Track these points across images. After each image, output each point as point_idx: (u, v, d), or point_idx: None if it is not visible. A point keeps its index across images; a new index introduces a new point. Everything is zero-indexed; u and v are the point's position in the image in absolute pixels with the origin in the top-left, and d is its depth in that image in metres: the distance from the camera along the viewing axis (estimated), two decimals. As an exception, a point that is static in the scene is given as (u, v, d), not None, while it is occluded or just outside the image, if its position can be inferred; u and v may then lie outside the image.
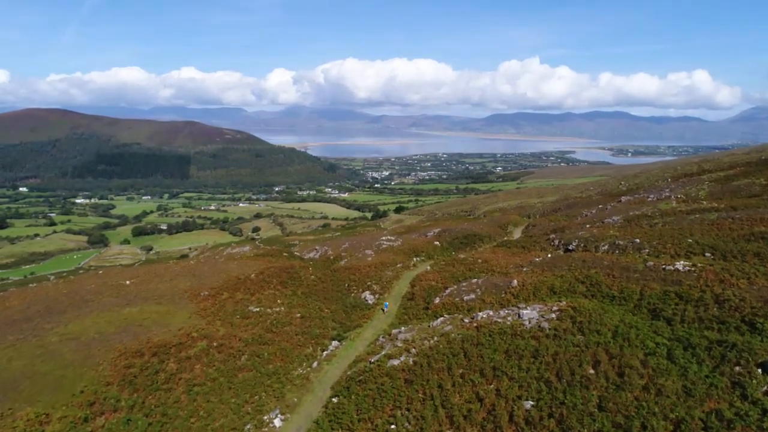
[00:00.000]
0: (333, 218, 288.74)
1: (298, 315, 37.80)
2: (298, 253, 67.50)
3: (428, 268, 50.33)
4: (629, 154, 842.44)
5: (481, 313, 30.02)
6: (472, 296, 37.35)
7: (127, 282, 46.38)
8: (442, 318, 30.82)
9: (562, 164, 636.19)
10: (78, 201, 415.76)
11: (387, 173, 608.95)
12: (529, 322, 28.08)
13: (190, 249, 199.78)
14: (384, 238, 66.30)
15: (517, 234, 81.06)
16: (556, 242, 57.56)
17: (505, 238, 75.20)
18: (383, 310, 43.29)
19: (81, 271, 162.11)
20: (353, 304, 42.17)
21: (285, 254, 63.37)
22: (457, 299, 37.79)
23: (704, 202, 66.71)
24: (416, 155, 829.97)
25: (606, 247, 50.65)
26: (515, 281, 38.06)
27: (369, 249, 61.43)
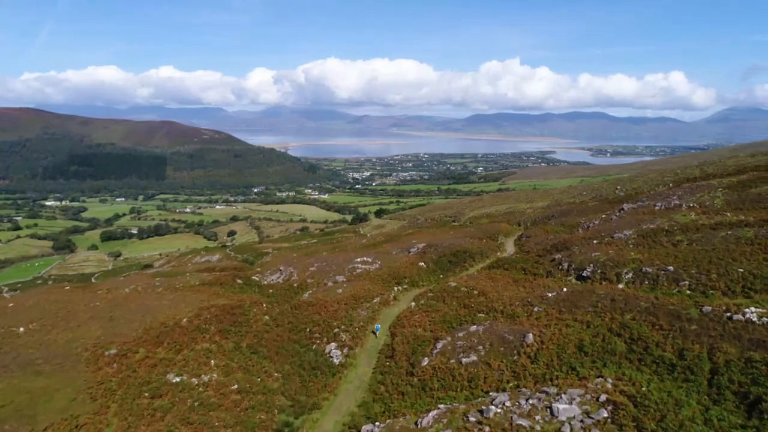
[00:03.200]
0: (312, 221, 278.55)
1: (235, 387, 27.24)
2: (257, 277, 56.54)
3: (413, 304, 40.02)
4: (608, 154, 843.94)
5: (493, 406, 19.99)
6: (474, 358, 27.38)
7: (21, 330, 35.34)
8: (434, 412, 20.61)
9: (543, 164, 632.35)
10: (48, 203, 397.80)
11: (368, 174, 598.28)
12: (571, 429, 18.22)
13: (160, 255, 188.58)
14: (359, 259, 55.54)
15: (509, 246, 72.03)
16: (565, 265, 47.94)
17: (499, 254, 66.00)
18: (374, 333, 35.90)
19: (39, 281, 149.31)
20: (313, 365, 31.29)
21: (239, 280, 52.35)
22: (452, 362, 27.76)
23: (727, 214, 57.62)
24: (398, 156, 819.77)
25: (630, 275, 41.20)
26: (530, 335, 28.17)
27: (340, 274, 50.72)
